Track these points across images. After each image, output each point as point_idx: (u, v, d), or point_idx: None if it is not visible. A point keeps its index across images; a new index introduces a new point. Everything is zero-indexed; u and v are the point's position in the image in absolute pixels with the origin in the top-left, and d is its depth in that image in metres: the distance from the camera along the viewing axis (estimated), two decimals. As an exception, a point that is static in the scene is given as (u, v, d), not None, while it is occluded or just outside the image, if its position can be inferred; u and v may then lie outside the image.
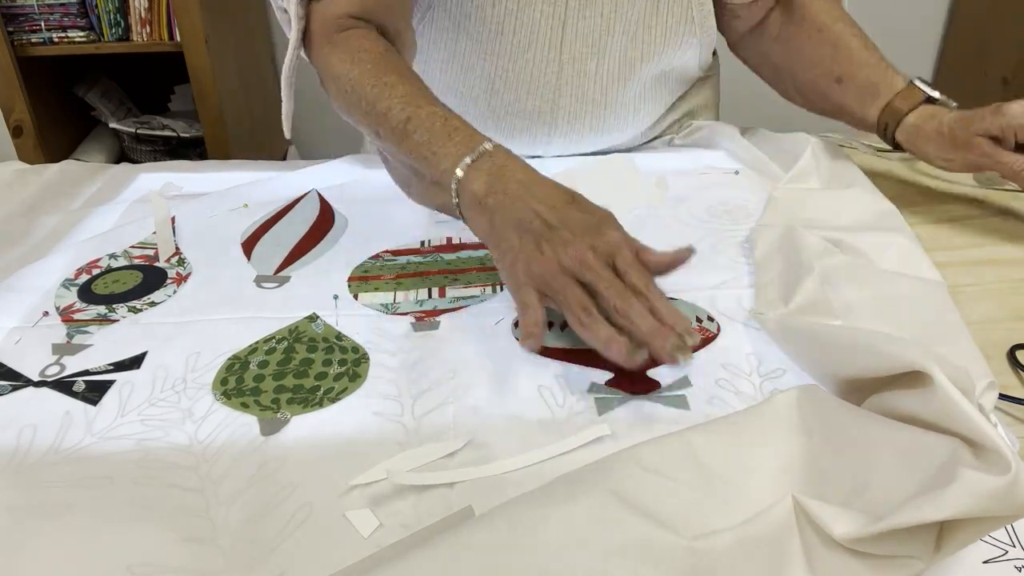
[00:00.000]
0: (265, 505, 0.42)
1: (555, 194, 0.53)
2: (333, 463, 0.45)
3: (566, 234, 0.51)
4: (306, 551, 0.39)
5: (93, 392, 0.51)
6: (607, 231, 0.51)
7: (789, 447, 0.42)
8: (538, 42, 0.76)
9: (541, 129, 0.82)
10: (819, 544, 0.36)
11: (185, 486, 0.43)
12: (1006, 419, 0.48)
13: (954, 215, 0.72)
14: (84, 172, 0.85)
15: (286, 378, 0.52)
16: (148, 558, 0.39)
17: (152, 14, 1.63)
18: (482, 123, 0.82)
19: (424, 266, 0.65)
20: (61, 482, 0.44)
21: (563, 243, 0.50)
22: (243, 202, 0.77)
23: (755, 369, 0.51)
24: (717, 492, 0.40)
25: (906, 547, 0.35)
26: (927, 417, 0.39)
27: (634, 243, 0.52)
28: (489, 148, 0.55)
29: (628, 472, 0.40)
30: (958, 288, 0.59)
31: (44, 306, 0.61)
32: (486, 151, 0.55)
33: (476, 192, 0.54)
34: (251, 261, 0.67)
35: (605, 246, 0.50)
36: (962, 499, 0.33)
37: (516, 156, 0.56)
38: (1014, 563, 0.38)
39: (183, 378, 0.52)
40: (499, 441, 0.46)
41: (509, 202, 0.53)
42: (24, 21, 1.62)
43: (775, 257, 0.60)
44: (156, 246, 0.69)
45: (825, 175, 0.75)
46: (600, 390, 0.50)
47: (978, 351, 0.50)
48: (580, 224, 0.51)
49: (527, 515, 0.38)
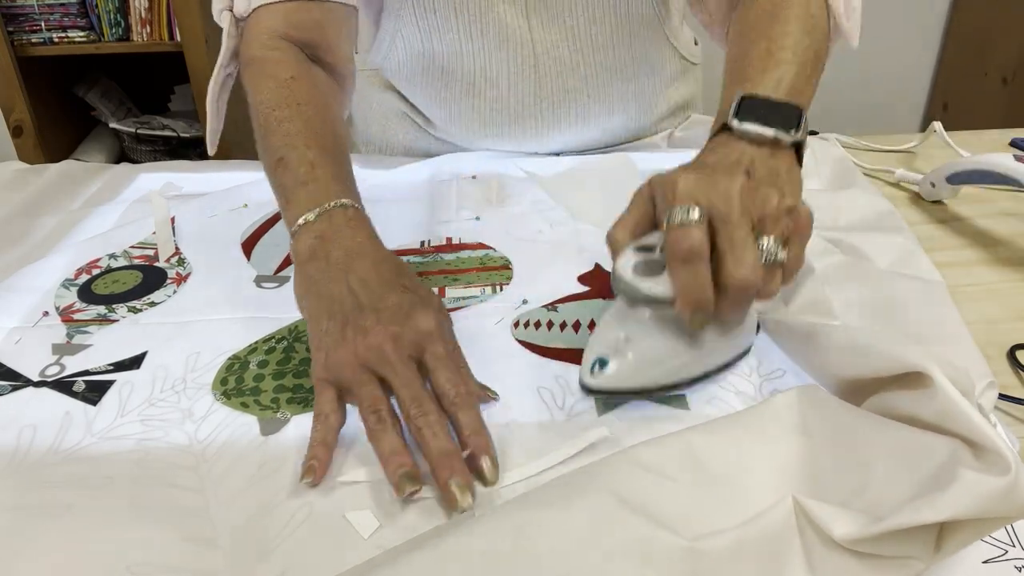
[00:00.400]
0: (265, 505, 0.42)
1: (379, 270, 0.49)
2: (333, 463, 0.45)
3: (370, 318, 0.45)
4: (306, 551, 0.39)
5: (93, 392, 0.51)
6: (420, 318, 0.46)
7: (789, 447, 0.42)
8: (509, 39, 0.76)
9: (528, 123, 0.82)
10: (819, 544, 0.36)
11: (185, 486, 0.43)
12: (1006, 419, 0.48)
13: (954, 215, 0.72)
14: (84, 172, 0.85)
15: (286, 378, 0.52)
16: (148, 558, 0.39)
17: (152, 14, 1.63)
18: (469, 124, 0.83)
19: (424, 266, 0.65)
20: (61, 482, 0.44)
21: (364, 330, 0.45)
22: (243, 202, 0.77)
23: (755, 369, 0.51)
24: (717, 492, 0.40)
25: (906, 547, 0.35)
26: (927, 418, 0.39)
27: (450, 336, 0.47)
28: (332, 207, 0.51)
29: (628, 473, 0.40)
30: (958, 288, 0.59)
31: (44, 306, 0.61)
32: (327, 210, 0.51)
33: (300, 254, 0.51)
34: (251, 261, 0.67)
35: (412, 335, 0.45)
36: (962, 500, 0.33)
37: (360, 221, 0.52)
38: (1014, 563, 0.38)
39: (183, 378, 0.52)
40: (498, 443, 0.46)
41: (328, 275, 0.48)
42: (24, 21, 1.62)
43: (775, 257, 0.60)
44: (156, 246, 0.69)
45: (825, 175, 0.75)
46: (600, 390, 0.50)
47: (978, 351, 0.50)
48: (391, 307, 0.46)
49: (527, 516, 0.38)
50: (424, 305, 0.47)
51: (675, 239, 0.42)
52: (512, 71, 0.78)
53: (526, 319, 0.57)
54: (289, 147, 0.57)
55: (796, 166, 0.49)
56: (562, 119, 0.82)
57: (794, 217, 0.45)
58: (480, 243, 0.68)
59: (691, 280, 0.42)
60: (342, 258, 0.49)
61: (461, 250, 0.67)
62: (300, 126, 0.58)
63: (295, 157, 0.56)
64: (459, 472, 0.40)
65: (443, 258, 0.66)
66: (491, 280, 0.63)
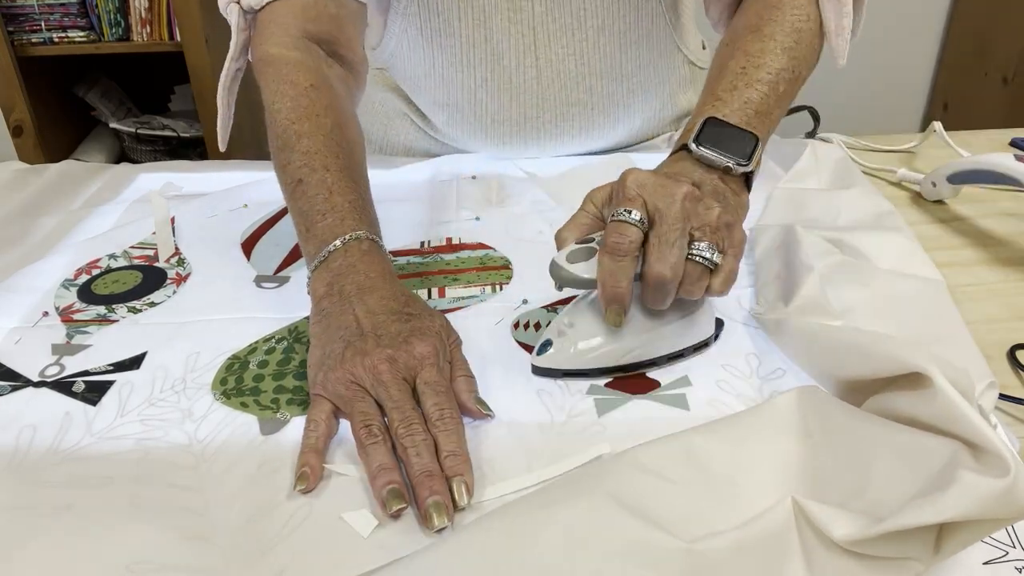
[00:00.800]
0: (264, 504, 0.42)
1: (385, 302, 0.50)
2: (332, 463, 0.45)
3: (370, 342, 0.47)
4: (305, 550, 0.39)
5: (93, 392, 0.51)
6: (416, 343, 0.47)
7: (789, 448, 0.42)
8: (512, 48, 0.75)
9: (530, 134, 0.81)
10: (818, 545, 0.36)
11: (184, 485, 0.43)
12: (1006, 419, 0.48)
13: (955, 215, 0.72)
14: (84, 172, 0.85)
15: (286, 379, 0.52)
16: (147, 557, 0.39)
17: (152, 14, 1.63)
18: (471, 132, 0.82)
19: (424, 266, 0.65)
20: (61, 482, 0.44)
21: (362, 352, 0.47)
22: (243, 202, 0.77)
23: (755, 370, 0.51)
24: (716, 494, 0.40)
25: (905, 549, 0.35)
26: (927, 419, 0.39)
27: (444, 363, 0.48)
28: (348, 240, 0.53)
29: (627, 474, 0.40)
30: (958, 288, 0.59)
31: (44, 306, 0.61)
32: (343, 244, 0.52)
33: (316, 292, 0.52)
34: (251, 261, 0.67)
35: (406, 359, 0.47)
36: (961, 501, 0.33)
37: (374, 255, 0.53)
38: (1014, 564, 0.38)
39: (183, 378, 0.52)
40: (497, 444, 0.46)
41: (339, 308, 0.50)
42: (24, 21, 1.62)
43: (775, 257, 0.60)
44: (156, 246, 0.69)
45: (825, 175, 0.75)
46: (600, 391, 0.50)
47: (978, 351, 0.50)
48: (389, 333, 0.48)
49: (526, 517, 0.38)
50: (423, 333, 0.49)
51: (610, 231, 0.46)
52: (514, 82, 0.78)
53: (526, 320, 0.57)
54: (308, 168, 0.57)
55: (744, 191, 0.52)
56: (566, 132, 0.82)
57: (732, 232, 0.48)
58: (480, 243, 0.68)
59: (611, 271, 0.46)
60: (354, 292, 0.51)
61: (461, 250, 0.67)
62: (319, 143, 0.58)
63: (314, 181, 0.56)
64: (438, 492, 0.41)
65: (443, 258, 0.66)
66: (491, 280, 0.63)
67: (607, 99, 0.81)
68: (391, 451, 0.44)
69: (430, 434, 0.44)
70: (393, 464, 0.43)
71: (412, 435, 0.43)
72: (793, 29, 0.58)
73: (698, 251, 0.47)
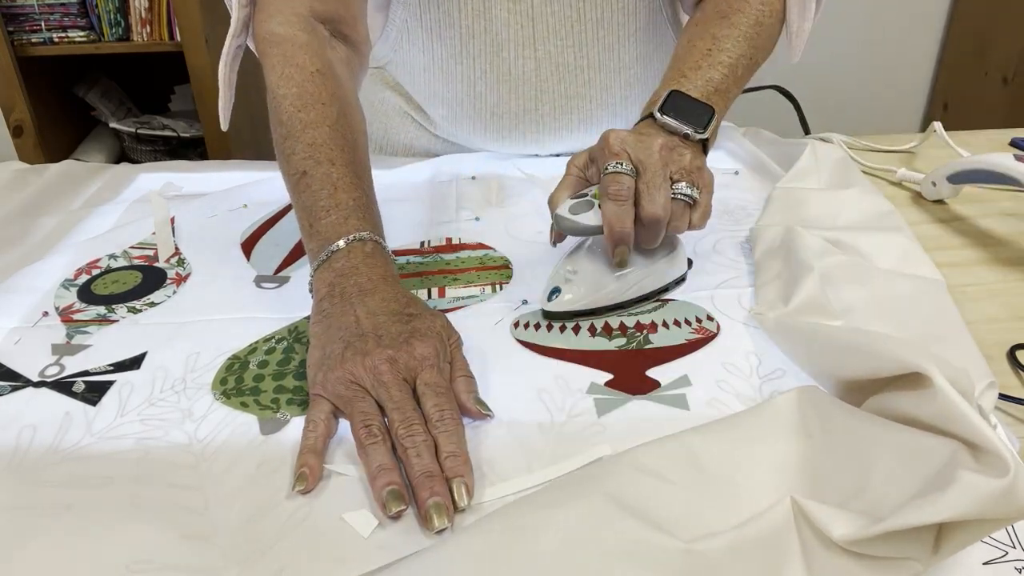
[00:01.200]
0: (264, 504, 0.42)
1: (386, 303, 0.50)
2: (332, 463, 0.45)
3: (370, 343, 0.47)
4: (305, 550, 0.39)
5: (93, 392, 0.51)
6: (417, 344, 0.47)
7: (788, 448, 0.42)
8: (511, 41, 0.76)
9: (529, 127, 0.81)
10: (818, 545, 0.36)
11: (184, 485, 0.43)
12: (1006, 419, 0.48)
13: (955, 215, 0.72)
14: (84, 172, 0.85)
15: (286, 379, 0.52)
16: (147, 556, 0.39)
17: (152, 14, 1.63)
18: (470, 126, 0.83)
19: (424, 266, 0.65)
20: (61, 482, 0.44)
21: (363, 352, 0.47)
22: (243, 202, 0.77)
23: (755, 370, 0.51)
24: (715, 494, 0.40)
25: (905, 549, 0.35)
26: (926, 419, 0.39)
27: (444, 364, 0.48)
28: (352, 241, 0.53)
29: (625, 475, 0.40)
30: (958, 288, 0.59)
31: (44, 306, 0.61)
32: (346, 245, 0.53)
33: (319, 291, 0.52)
34: (251, 261, 0.67)
35: (407, 360, 0.47)
36: (961, 501, 0.33)
37: (377, 256, 0.53)
38: (1014, 564, 0.38)
39: (182, 378, 0.52)
40: (497, 444, 0.46)
41: (340, 309, 0.50)
42: (24, 21, 1.62)
43: (775, 257, 0.60)
44: (156, 246, 0.69)
45: (825, 175, 0.75)
46: (599, 391, 0.50)
47: (978, 351, 0.50)
48: (390, 334, 0.48)
49: (524, 518, 0.38)
50: (424, 334, 0.49)
51: (608, 182, 0.53)
52: (513, 74, 0.78)
53: (526, 319, 0.57)
54: (313, 161, 0.56)
55: (701, 154, 0.58)
56: (565, 125, 0.82)
57: (702, 173, 0.57)
58: (480, 243, 0.68)
59: (616, 214, 0.53)
60: (355, 293, 0.51)
61: (461, 250, 0.67)
62: (325, 135, 0.58)
63: (319, 175, 0.56)
64: (439, 493, 0.41)
65: (443, 258, 0.66)
66: (491, 280, 0.63)
67: (605, 91, 0.81)
68: (391, 451, 0.44)
69: (430, 435, 0.44)
70: (393, 464, 0.43)
71: (412, 436, 0.43)
72: (757, 21, 0.65)
73: (679, 190, 0.54)
